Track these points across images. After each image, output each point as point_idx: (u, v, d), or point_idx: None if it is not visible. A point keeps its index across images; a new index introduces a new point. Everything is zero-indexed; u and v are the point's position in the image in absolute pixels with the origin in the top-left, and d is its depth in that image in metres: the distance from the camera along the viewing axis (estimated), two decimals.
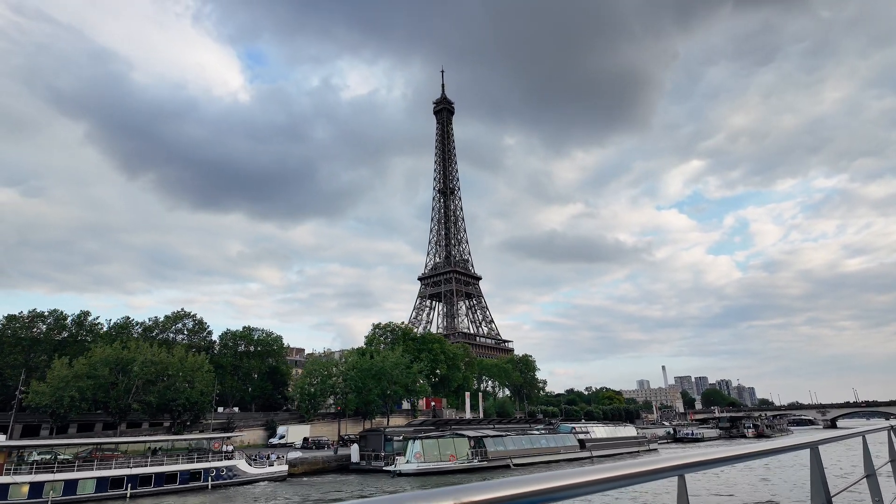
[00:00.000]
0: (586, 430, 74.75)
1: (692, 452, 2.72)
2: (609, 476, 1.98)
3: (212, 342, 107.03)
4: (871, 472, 5.03)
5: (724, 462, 2.94)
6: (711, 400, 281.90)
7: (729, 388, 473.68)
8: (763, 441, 4.84)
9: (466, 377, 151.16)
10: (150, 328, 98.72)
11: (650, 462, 2.31)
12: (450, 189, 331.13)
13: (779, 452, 3.62)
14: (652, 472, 2.26)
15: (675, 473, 2.51)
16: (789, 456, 4.60)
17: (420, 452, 52.88)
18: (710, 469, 3.45)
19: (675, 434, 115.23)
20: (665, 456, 2.54)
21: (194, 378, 68.26)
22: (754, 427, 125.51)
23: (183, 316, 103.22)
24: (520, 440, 63.28)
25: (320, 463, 59.57)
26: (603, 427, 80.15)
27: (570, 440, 69.62)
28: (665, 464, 2.38)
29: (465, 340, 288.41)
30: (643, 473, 2.20)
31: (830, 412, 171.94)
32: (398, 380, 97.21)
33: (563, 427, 73.49)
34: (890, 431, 6.10)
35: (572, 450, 68.00)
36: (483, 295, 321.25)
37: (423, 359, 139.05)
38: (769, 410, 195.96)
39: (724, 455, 2.95)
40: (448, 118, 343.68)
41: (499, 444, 59.18)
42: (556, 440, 67.96)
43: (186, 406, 68.10)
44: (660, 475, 2.32)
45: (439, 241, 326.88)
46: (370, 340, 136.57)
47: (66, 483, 39.75)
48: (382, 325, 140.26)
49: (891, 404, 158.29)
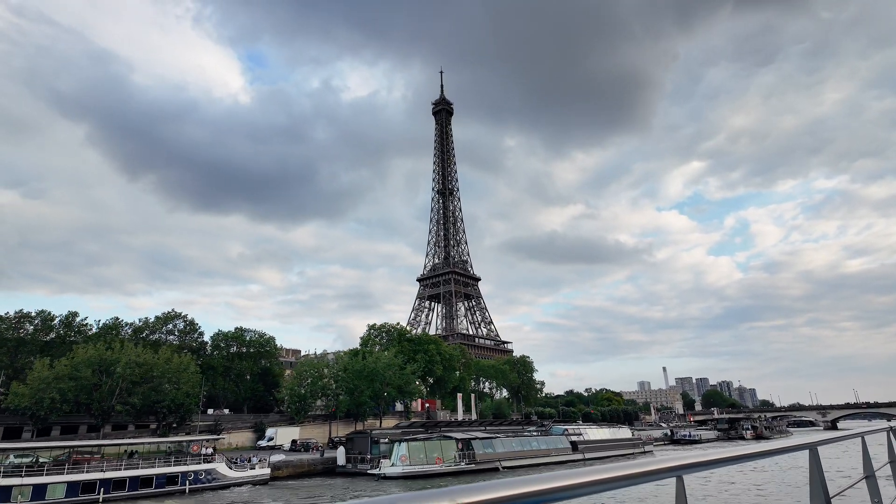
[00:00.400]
0: (580, 431, 73.37)
1: (690, 453, 2.66)
2: (607, 477, 1.97)
3: (203, 343, 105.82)
4: (870, 473, 5.03)
5: (723, 463, 2.90)
6: (711, 401, 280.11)
7: (730, 389, 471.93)
8: (762, 442, 4.85)
9: (463, 378, 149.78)
10: (141, 329, 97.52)
11: (648, 463, 2.28)
12: (449, 190, 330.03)
13: (778, 453, 3.63)
14: (650, 473, 2.24)
15: (673, 474, 2.50)
16: (788, 457, 4.52)
17: (405, 455, 51.59)
18: (709, 470, 3.20)
19: (673, 436, 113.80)
20: (663, 457, 2.49)
21: (180, 379, 66.99)
22: (753, 429, 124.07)
23: (174, 317, 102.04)
24: (510, 442, 61.93)
25: (305, 466, 58.29)
26: (597, 429, 78.72)
27: (562, 442, 68.23)
28: (663, 465, 2.37)
29: (464, 342, 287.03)
30: (641, 474, 2.18)
31: (831, 413, 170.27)
32: (391, 381, 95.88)
33: (556, 429, 72.12)
34: (889, 433, 6.11)
35: (564, 452, 66.63)
36: (482, 296, 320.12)
37: (419, 360, 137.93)
38: (769, 412, 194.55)
39: (722, 456, 2.90)
40: (447, 119, 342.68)
41: (487, 447, 57.84)
42: (548, 442, 66.59)
43: (171, 408, 66.82)
44: (658, 476, 2.30)
45: (438, 242, 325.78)
46: (365, 341, 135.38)
47: (34, 487, 38.47)
48: (378, 326, 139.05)
49: (892, 405, 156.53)
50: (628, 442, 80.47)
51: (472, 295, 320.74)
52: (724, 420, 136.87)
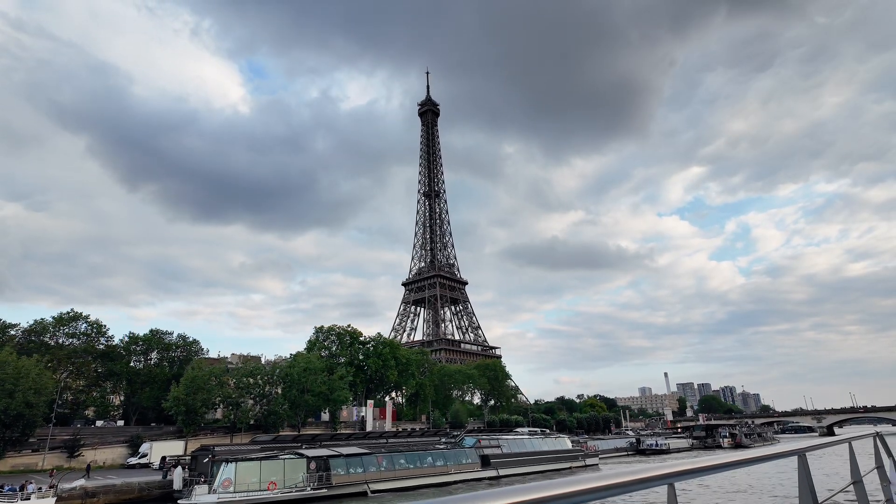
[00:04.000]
0: (498, 443, 62.15)
1: (681, 461, 2.61)
2: (596, 486, 1.91)
3: (114, 347, 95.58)
4: (857, 478, 5.17)
5: (714, 470, 2.86)
6: (707, 407, 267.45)
7: (733, 394, 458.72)
8: (747, 450, 4.22)
9: (422, 385, 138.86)
10: (33, 331, 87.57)
11: (639, 471, 2.23)
12: (435, 192, 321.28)
13: (767, 460, 3.65)
14: (641, 482, 2.18)
15: (664, 482, 2.44)
16: (779, 463, 4.43)
17: (230, 479, 40.93)
18: (700, 477, 2.96)
19: (639, 445, 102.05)
20: (655, 464, 2.45)
21: (16, 386, 56.64)
22: (731, 436, 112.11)
23: (74, 318, 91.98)
24: (396, 459, 50.97)
25: (135, 491, 47.59)
26: (524, 439, 67.24)
27: (470, 456, 57.09)
28: (654, 472, 2.32)
29: (449, 347, 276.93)
30: (632, 482, 2.12)
31: (827, 418, 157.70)
32: (313, 387, 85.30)
33: (467, 440, 60.85)
34: (875, 438, 6.21)
35: (468, 469, 55.57)
36: (469, 300, 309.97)
37: (370, 364, 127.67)
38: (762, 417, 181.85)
39: (713, 463, 2.88)
40: (433, 119, 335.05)
41: (355, 466, 46.91)
42: (451, 457, 55.53)
43: (6, 421, 56.45)
44: (650, 484, 2.25)
45: (424, 246, 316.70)
46: (312, 344, 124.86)
47: None
48: (326, 328, 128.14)
49: (891, 409, 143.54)
50: (564, 454, 69.14)
51: (458, 299, 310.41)
52: (700, 427, 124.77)
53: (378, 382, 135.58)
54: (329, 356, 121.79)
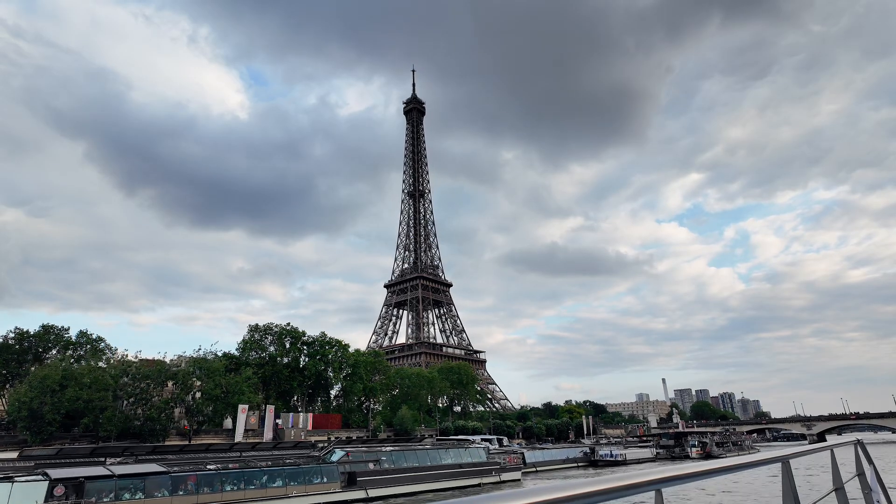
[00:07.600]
0: (376, 456, 50.84)
1: (669, 467, 2.64)
2: (583, 492, 1.91)
3: None
4: (839, 485, 5.17)
5: (701, 476, 2.94)
6: (699, 413, 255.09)
7: (732, 401, 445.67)
8: (731, 458, 4.24)
9: (372, 389, 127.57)
10: None
11: (627, 477, 2.27)
12: (420, 192, 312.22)
13: (752, 466, 3.67)
14: (628, 487, 2.21)
15: (652, 488, 2.48)
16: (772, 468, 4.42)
17: None
18: (688, 483, 2.91)
19: (593, 455, 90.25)
20: (643, 471, 2.47)
21: None
22: (700, 446, 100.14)
23: None
24: (214, 480, 39.80)
25: None
26: (420, 451, 55.60)
27: (330, 474, 45.78)
28: (642, 478, 2.36)
29: (431, 350, 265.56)
30: (619, 489, 2.14)
31: (817, 425, 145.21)
32: (205, 389, 74.46)
33: (336, 453, 49.56)
34: (857, 446, 6.25)
35: (322, 490, 44.28)
36: (454, 303, 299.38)
37: (311, 366, 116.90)
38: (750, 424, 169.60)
39: (700, 469, 2.96)
40: (419, 118, 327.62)
41: (132, 492, 35.75)
42: (300, 475, 44.32)
43: None
44: (637, 490, 2.28)
45: (407, 247, 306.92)
46: (245, 344, 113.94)
47: None
48: (262, 327, 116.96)
49: (882, 416, 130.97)
50: (472, 468, 57.67)
51: (442, 302, 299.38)
52: (669, 435, 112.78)
53: (321, 386, 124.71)
54: (261, 357, 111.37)
